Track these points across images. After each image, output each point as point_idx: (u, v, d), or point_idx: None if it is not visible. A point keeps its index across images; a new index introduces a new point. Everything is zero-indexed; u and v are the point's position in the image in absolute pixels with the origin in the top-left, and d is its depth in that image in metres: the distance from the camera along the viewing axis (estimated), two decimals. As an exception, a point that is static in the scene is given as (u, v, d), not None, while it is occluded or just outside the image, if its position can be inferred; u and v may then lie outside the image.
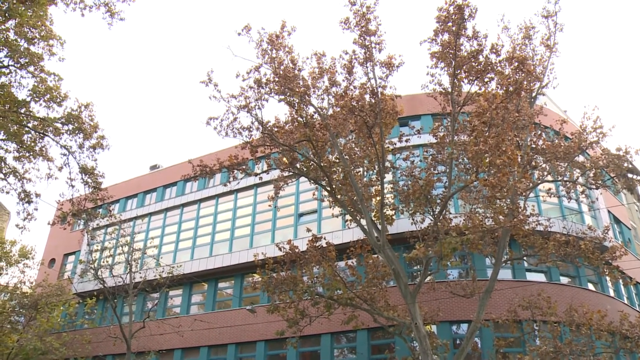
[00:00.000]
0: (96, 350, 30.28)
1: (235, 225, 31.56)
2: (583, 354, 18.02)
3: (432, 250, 17.32)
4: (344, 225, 24.27)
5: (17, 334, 29.23)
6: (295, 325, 19.73)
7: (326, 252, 19.88)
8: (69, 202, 19.30)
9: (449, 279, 22.97)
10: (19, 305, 29.69)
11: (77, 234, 35.58)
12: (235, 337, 28.32)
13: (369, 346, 24.96)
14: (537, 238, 18.86)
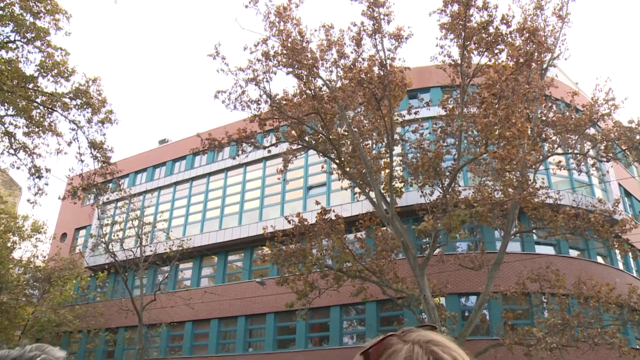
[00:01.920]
0: (108, 322, 30.69)
1: (245, 199, 31.67)
2: (591, 326, 18.06)
3: (441, 222, 17.33)
4: (352, 198, 24.28)
5: (32, 307, 29.69)
6: (304, 297, 19.87)
7: (335, 224, 19.91)
8: (79, 177, 19.38)
9: (458, 252, 23.02)
10: (32, 278, 30.09)
11: (87, 208, 35.80)
12: (245, 309, 28.62)
13: (378, 318, 25.16)
14: (546, 211, 18.78)
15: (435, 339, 0.92)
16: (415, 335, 0.93)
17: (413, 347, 0.90)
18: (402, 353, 0.89)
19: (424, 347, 0.89)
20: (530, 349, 17.11)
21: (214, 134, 19.97)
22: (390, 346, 0.93)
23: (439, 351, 0.89)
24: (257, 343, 28.94)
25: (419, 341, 0.91)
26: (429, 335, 0.93)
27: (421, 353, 0.88)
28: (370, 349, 0.93)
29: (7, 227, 29.72)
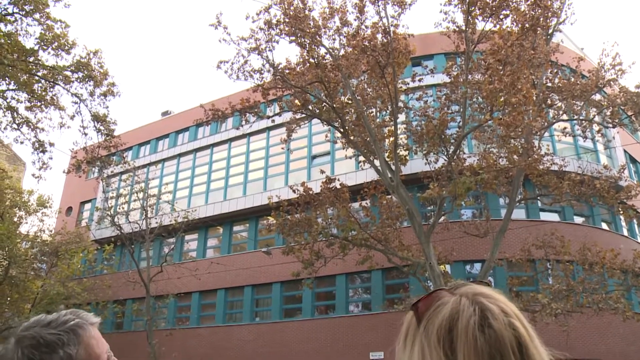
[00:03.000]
0: (116, 294, 30.97)
1: (249, 169, 31.71)
2: (595, 291, 18.15)
3: (446, 190, 17.32)
4: (357, 167, 24.27)
5: (40, 280, 29.95)
6: (310, 266, 19.98)
7: (340, 193, 19.92)
8: (83, 151, 19.38)
9: (463, 219, 23.05)
10: (40, 252, 30.28)
11: (92, 181, 35.89)
12: (251, 279, 28.86)
13: (384, 286, 25.36)
14: (551, 177, 18.76)
15: (483, 292, 0.92)
16: (464, 289, 0.93)
17: (460, 298, 0.90)
18: (449, 305, 0.89)
19: (470, 299, 0.89)
20: (535, 315, 17.22)
21: (217, 104, 19.89)
22: (438, 299, 0.92)
23: (486, 302, 0.88)
24: (263, 312, 29.27)
25: (467, 293, 0.91)
26: (477, 288, 0.93)
27: (467, 304, 0.88)
28: (419, 302, 0.93)
29: (13, 202, 29.83)
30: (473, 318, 0.85)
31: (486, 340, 0.83)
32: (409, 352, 0.91)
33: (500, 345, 0.82)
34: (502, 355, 0.82)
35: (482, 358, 0.81)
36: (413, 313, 0.94)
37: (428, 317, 0.90)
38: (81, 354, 1.38)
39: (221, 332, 29.13)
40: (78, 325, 1.43)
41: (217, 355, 27.91)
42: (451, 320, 0.86)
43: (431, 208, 23.49)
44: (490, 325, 0.84)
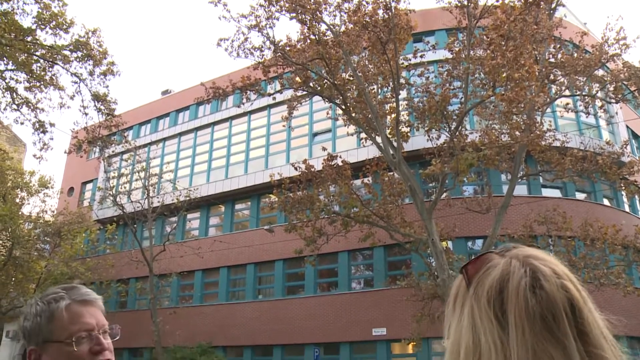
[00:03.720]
0: (119, 273, 31.14)
1: (250, 147, 31.69)
2: (597, 267, 18.23)
3: (448, 166, 17.29)
4: (359, 144, 24.21)
5: (44, 261, 30.11)
6: (312, 243, 20.03)
7: (342, 170, 19.90)
8: (84, 130, 19.33)
9: (465, 195, 23.06)
10: (43, 233, 30.39)
11: (93, 161, 35.88)
12: (253, 257, 28.99)
13: (386, 263, 25.48)
14: (553, 154, 18.72)
15: (534, 254, 0.90)
16: (514, 251, 0.91)
17: (511, 260, 0.88)
18: (499, 267, 0.88)
19: (521, 261, 0.88)
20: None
21: (218, 83, 19.78)
22: (488, 261, 0.91)
23: (537, 264, 0.87)
24: (266, 290, 29.45)
25: (517, 255, 0.89)
26: (528, 250, 0.92)
27: (518, 266, 0.87)
28: (468, 265, 0.92)
29: (14, 183, 29.87)
30: (524, 279, 0.83)
31: (538, 301, 0.81)
32: (459, 315, 0.91)
33: (553, 306, 0.81)
34: (554, 317, 0.80)
35: (533, 319, 0.80)
36: (462, 276, 0.93)
37: (478, 280, 0.89)
38: (48, 325, 1.43)
39: (224, 310, 29.34)
40: (55, 299, 1.46)
41: (221, 333, 28.16)
42: (501, 281, 0.85)
43: (433, 184, 23.48)
44: (541, 287, 0.83)
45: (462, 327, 0.88)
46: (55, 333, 1.44)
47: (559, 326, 0.80)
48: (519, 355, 0.78)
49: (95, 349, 1.45)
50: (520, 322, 0.80)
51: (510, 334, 0.80)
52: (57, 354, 1.42)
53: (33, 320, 1.46)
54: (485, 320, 0.83)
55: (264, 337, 27.36)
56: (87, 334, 1.46)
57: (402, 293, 21.69)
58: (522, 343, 0.79)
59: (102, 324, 1.52)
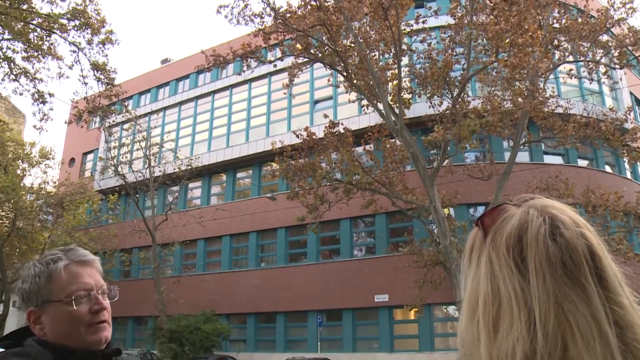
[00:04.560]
0: (122, 243, 31.31)
1: (251, 115, 31.60)
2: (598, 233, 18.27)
3: (450, 133, 17.24)
4: (360, 111, 24.12)
5: (47, 231, 30.25)
6: (314, 211, 20.09)
7: (343, 137, 19.87)
8: (84, 100, 19.23)
9: (467, 162, 23.06)
10: (45, 204, 30.48)
11: (94, 132, 35.84)
12: (256, 225, 29.14)
13: (388, 230, 25.60)
14: (556, 120, 18.64)
15: (551, 203, 0.89)
16: (531, 201, 0.90)
17: (528, 210, 0.87)
18: (517, 216, 0.86)
19: (539, 210, 0.86)
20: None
21: (218, 50, 19.60)
22: (504, 211, 0.90)
23: (556, 213, 0.85)
24: (269, 258, 29.67)
25: (535, 205, 0.88)
26: (544, 200, 0.91)
27: (536, 214, 0.85)
28: (484, 217, 0.91)
29: (15, 155, 29.85)
30: (543, 227, 0.82)
31: (558, 248, 0.81)
32: (475, 266, 0.90)
33: (573, 252, 0.81)
34: (575, 263, 0.80)
35: (554, 266, 0.79)
36: (478, 228, 0.92)
37: (495, 230, 0.88)
38: (47, 285, 1.45)
39: (227, 278, 29.59)
40: (53, 259, 1.48)
41: (224, 301, 28.44)
42: (520, 229, 0.84)
43: (435, 151, 23.44)
44: (561, 234, 0.82)
45: (479, 277, 0.87)
46: (54, 293, 1.45)
47: (581, 271, 0.80)
48: (540, 301, 0.78)
49: (95, 309, 1.47)
50: (541, 269, 0.80)
51: (531, 280, 0.80)
52: (57, 313, 1.44)
53: (31, 282, 1.47)
54: (504, 268, 0.83)
55: (267, 305, 27.64)
56: (86, 293, 1.47)
57: (404, 260, 21.85)
58: (543, 289, 0.78)
59: (101, 285, 1.53)
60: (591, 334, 0.75)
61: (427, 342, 23.28)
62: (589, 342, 0.75)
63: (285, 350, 26.29)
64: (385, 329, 24.70)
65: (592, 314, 0.77)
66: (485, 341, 0.83)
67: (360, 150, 21.39)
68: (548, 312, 0.77)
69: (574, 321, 0.76)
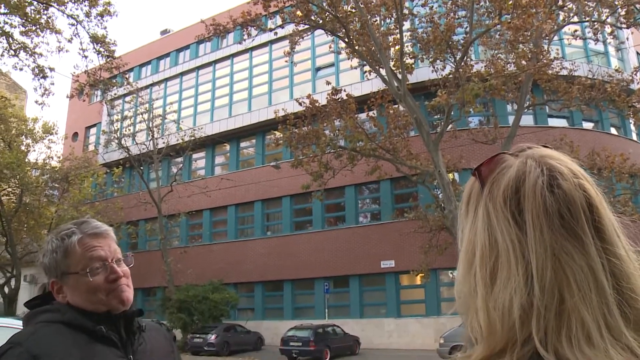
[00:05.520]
0: (129, 216, 31.50)
1: (253, 84, 31.49)
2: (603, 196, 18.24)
3: (454, 97, 17.12)
4: (362, 77, 23.97)
5: (54, 206, 30.40)
6: (319, 178, 20.11)
7: (346, 104, 19.78)
8: (85, 74, 19.15)
9: (471, 126, 22.95)
10: (51, 179, 30.58)
11: (96, 105, 35.74)
12: (260, 194, 29.26)
13: (393, 195, 25.66)
14: (560, 82, 18.44)
15: (549, 153, 0.87)
16: (529, 151, 0.88)
17: (526, 160, 0.85)
18: (514, 167, 0.85)
19: (537, 160, 0.84)
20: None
21: (218, 19, 19.41)
22: (502, 162, 0.88)
23: (554, 163, 0.84)
24: (274, 226, 29.84)
25: (532, 155, 0.86)
26: (542, 150, 0.88)
27: (534, 165, 0.83)
28: (481, 167, 0.89)
29: (18, 131, 29.84)
30: (541, 178, 0.81)
31: (556, 199, 0.79)
32: (472, 217, 0.88)
33: (571, 204, 0.79)
34: (573, 215, 0.79)
35: (551, 218, 0.78)
36: (475, 178, 0.90)
37: (492, 180, 0.86)
38: (64, 260, 1.53)
39: (234, 247, 29.82)
40: (67, 234, 1.55)
41: (231, 270, 28.70)
42: (518, 181, 0.82)
43: (439, 116, 23.36)
44: (559, 186, 0.80)
45: (476, 229, 0.86)
46: (71, 266, 1.53)
47: (578, 223, 0.79)
48: (537, 253, 0.77)
49: (111, 278, 1.54)
50: (538, 221, 0.78)
51: (528, 233, 0.79)
52: (76, 284, 1.52)
53: (50, 257, 1.56)
54: (501, 220, 0.82)
55: (274, 273, 27.90)
56: (101, 264, 1.54)
57: (409, 225, 21.95)
58: (540, 241, 0.77)
59: (115, 254, 1.60)
60: (588, 285, 0.75)
61: (433, 306, 23.52)
62: (586, 293, 0.75)
63: (293, 318, 26.62)
64: (392, 294, 24.94)
65: (589, 266, 0.76)
66: (482, 293, 0.82)
67: (364, 116, 21.31)
68: (545, 265, 0.77)
69: (571, 273, 0.76)
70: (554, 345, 0.73)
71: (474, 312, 0.83)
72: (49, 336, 1.41)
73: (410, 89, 18.91)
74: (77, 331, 1.45)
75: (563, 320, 0.74)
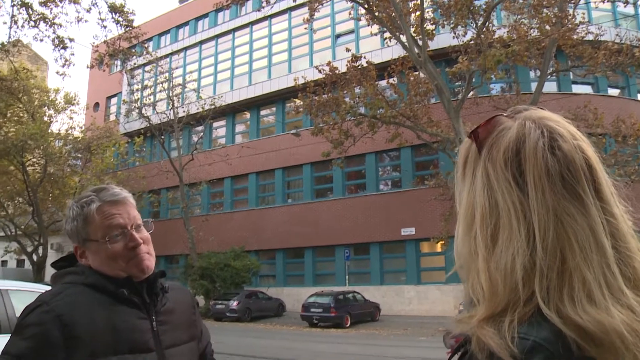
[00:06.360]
0: (150, 185, 31.79)
1: (272, 52, 31.32)
2: (628, 164, 17.97)
3: (475, 63, 16.90)
4: (383, 44, 23.70)
5: (77, 176, 30.83)
6: (339, 146, 20.11)
7: (366, 71, 19.63)
8: (104, 44, 19.18)
9: (492, 93, 22.63)
10: (74, 149, 30.91)
11: (116, 75, 35.84)
12: (281, 161, 29.34)
13: (413, 163, 25.58)
14: (586, 48, 18.01)
15: (547, 115, 0.87)
16: (526, 113, 0.88)
17: (525, 122, 0.85)
18: (513, 129, 0.85)
19: (536, 122, 0.85)
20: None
21: (236, -14, 19.27)
22: (499, 124, 0.88)
23: (553, 125, 0.84)
24: (295, 194, 29.98)
25: (531, 117, 0.86)
26: (540, 111, 0.88)
27: (534, 127, 0.84)
28: (478, 129, 0.89)
29: (41, 102, 30.14)
30: (542, 140, 0.81)
31: (557, 161, 0.80)
32: (471, 179, 0.89)
33: (572, 165, 0.80)
34: (574, 176, 0.80)
35: (553, 179, 0.79)
36: (471, 141, 0.91)
37: (491, 142, 0.86)
38: (84, 227, 1.55)
39: (255, 215, 30.05)
40: (87, 202, 1.56)
41: (253, 237, 28.96)
42: (518, 142, 0.83)
43: (460, 83, 23.04)
44: (560, 148, 0.81)
45: (475, 191, 0.87)
46: (91, 234, 1.55)
47: (579, 184, 0.80)
48: (540, 215, 0.78)
49: (130, 245, 1.55)
50: (540, 183, 0.79)
51: (530, 194, 0.80)
52: (97, 250, 1.55)
53: (71, 224, 1.58)
54: (502, 182, 0.82)
55: (295, 240, 28.11)
56: (120, 231, 1.55)
57: (430, 193, 21.88)
58: (543, 203, 0.78)
59: (135, 220, 1.60)
60: (589, 245, 0.77)
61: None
62: (587, 253, 0.76)
63: (314, 285, 26.90)
64: (412, 261, 25.04)
65: (590, 226, 0.78)
66: (483, 254, 0.83)
67: (384, 83, 21.13)
68: (547, 226, 0.78)
69: (573, 234, 0.77)
70: (555, 304, 0.75)
71: (474, 273, 0.85)
72: (74, 296, 1.45)
73: (431, 55, 18.69)
74: (100, 293, 1.49)
75: (565, 280, 0.76)
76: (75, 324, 1.38)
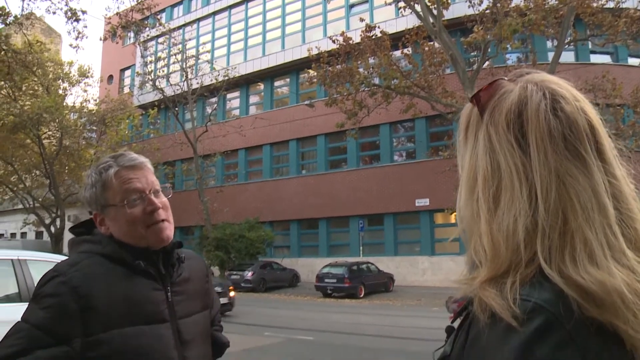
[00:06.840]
0: (165, 156, 31.94)
1: (286, 22, 31.09)
2: (646, 135, 17.74)
3: (491, 33, 16.69)
4: (397, 13, 23.41)
5: (92, 148, 31.07)
6: (353, 116, 20.05)
7: (381, 41, 19.46)
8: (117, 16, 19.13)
9: (508, 64, 22.31)
10: (88, 122, 31.11)
11: (129, 47, 35.76)
12: (295, 132, 29.35)
13: (427, 134, 25.47)
14: (606, 16, 17.61)
15: (549, 78, 0.87)
16: (528, 76, 0.88)
17: (527, 85, 0.85)
18: (515, 92, 0.85)
19: (538, 85, 0.85)
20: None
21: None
22: (501, 87, 0.88)
23: (555, 87, 0.84)
24: (309, 165, 30.03)
25: (533, 80, 0.86)
26: (541, 74, 0.88)
27: (536, 89, 0.84)
28: (480, 92, 0.89)
29: (55, 75, 30.22)
30: (544, 102, 0.81)
31: (559, 122, 0.81)
32: (472, 143, 0.89)
33: (574, 127, 0.80)
34: (576, 137, 0.80)
35: (556, 140, 0.79)
36: (473, 104, 0.91)
37: (493, 105, 0.86)
38: (103, 193, 1.57)
39: (269, 186, 30.18)
40: (105, 168, 1.58)
41: (267, 209, 29.13)
42: (520, 105, 0.83)
43: (475, 53, 22.75)
44: (562, 109, 0.81)
45: (477, 154, 0.87)
46: (109, 199, 1.57)
47: (582, 145, 0.80)
48: (542, 176, 0.79)
49: (149, 209, 1.56)
50: (542, 144, 0.80)
51: (532, 156, 0.80)
52: (116, 215, 1.56)
53: (90, 191, 1.60)
54: (504, 144, 0.83)
55: (310, 211, 28.24)
56: (138, 195, 1.57)
57: (444, 164, 21.76)
58: (545, 164, 0.79)
59: (153, 185, 1.61)
60: (591, 206, 0.77)
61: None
62: (589, 214, 0.77)
63: (328, 255, 27.09)
64: (426, 232, 25.10)
65: (592, 187, 0.78)
66: (485, 216, 0.84)
67: (398, 54, 20.94)
68: (550, 187, 0.78)
69: (575, 195, 0.78)
70: (557, 265, 0.76)
71: (477, 236, 0.86)
72: (91, 267, 1.47)
73: (445, 25, 18.45)
74: (116, 264, 1.51)
75: (567, 241, 0.77)
76: (91, 296, 1.40)
